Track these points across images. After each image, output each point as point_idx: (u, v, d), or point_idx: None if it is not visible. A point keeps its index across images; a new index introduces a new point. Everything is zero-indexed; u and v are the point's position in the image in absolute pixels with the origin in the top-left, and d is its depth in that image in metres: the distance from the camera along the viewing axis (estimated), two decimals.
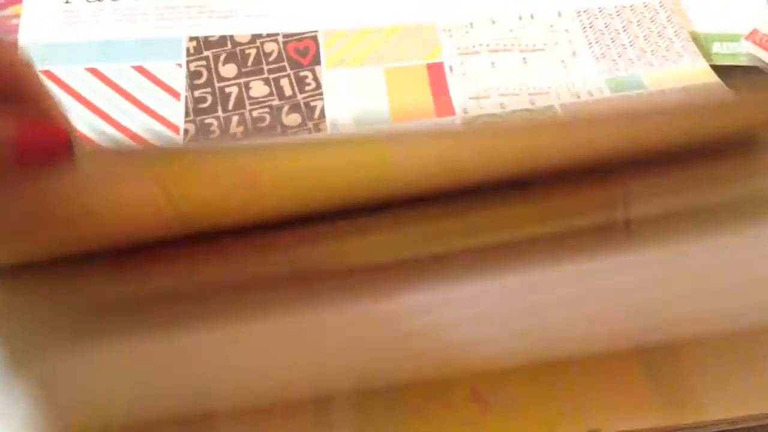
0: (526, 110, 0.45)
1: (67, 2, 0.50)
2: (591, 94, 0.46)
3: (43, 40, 0.48)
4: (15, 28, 0.48)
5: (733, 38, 0.51)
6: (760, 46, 0.49)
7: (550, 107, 0.45)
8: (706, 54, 0.50)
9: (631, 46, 0.49)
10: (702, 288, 0.31)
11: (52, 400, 0.32)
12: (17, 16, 0.49)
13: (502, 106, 0.46)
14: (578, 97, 0.46)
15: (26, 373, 0.31)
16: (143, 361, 0.31)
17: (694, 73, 0.46)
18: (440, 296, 0.30)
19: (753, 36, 0.49)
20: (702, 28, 0.52)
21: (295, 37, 0.50)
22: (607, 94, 0.46)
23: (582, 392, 0.32)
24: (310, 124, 0.45)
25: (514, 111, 0.45)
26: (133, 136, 0.44)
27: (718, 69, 0.49)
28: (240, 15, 0.51)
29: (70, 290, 0.31)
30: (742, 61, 0.50)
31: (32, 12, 0.49)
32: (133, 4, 0.50)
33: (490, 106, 0.46)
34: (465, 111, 0.46)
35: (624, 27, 0.50)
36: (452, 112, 0.46)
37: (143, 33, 0.49)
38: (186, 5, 0.51)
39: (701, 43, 0.51)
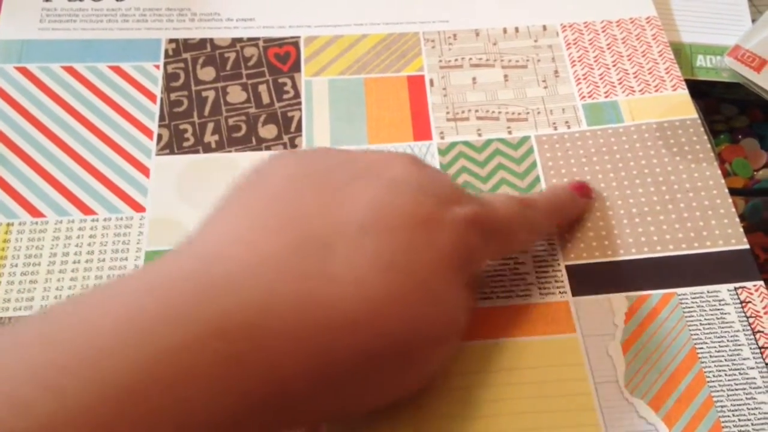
0: (502, 140, 0.45)
1: (47, 0, 0.49)
2: (568, 125, 0.45)
3: (21, 36, 0.48)
4: None
5: (718, 51, 0.51)
6: (742, 62, 0.48)
7: (526, 138, 0.45)
8: (690, 67, 0.50)
9: (614, 66, 0.48)
10: None
11: None
12: None
13: (479, 132, 0.45)
14: (555, 127, 0.45)
15: None
16: None
17: (673, 104, 0.46)
18: None
19: (735, 52, 0.49)
20: (687, 39, 0.52)
21: (276, 42, 0.49)
22: (585, 123, 0.45)
23: None
24: (285, 138, 0.45)
25: (490, 140, 0.45)
26: (107, 140, 0.44)
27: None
28: (222, 18, 0.50)
29: None
30: (725, 77, 0.50)
31: (12, 9, 0.49)
32: (115, 5, 0.50)
33: (467, 131, 0.45)
34: (441, 135, 0.45)
35: (609, 44, 0.49)
36: (429, 135, 0.45)
37: (122, 34, 0.49)
38: (167, 7, 0.50)
39: (686, 54, 0.51)
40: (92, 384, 0.21)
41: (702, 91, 0.51)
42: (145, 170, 0.43)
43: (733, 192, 0.43)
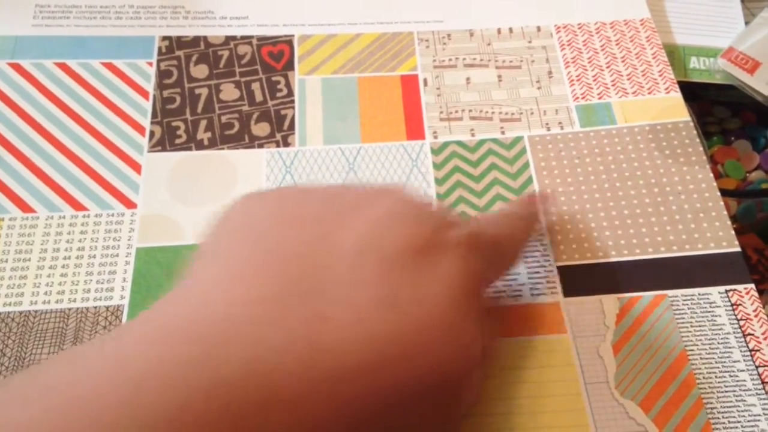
0: (495, 140, 0.45)
1: None
2: (561, 126, 0.45)
3: (14, 32, 0.47)
4: None
5: (711, 53, 0.51)
6: (736, 64, 0.49)
7: (519, 139, 0.45)
8: (683, 69, 0.50)
9: (607, 68, 0.48)
10: None
11: None
12: None
13: (472, 132, 0.45)
14: (548, 128, 0.45)
15: None
16: None
17: (666, 107, 0.46)
18: None
19: (729, 54, 0.49)
20: (681, 41, 0.52)
21: (269, 41, 0.49)
22: (578, 125, 0.45)
23: None
24: (278, 136, 0.45)
25: (483, 140, 0.45)
26: (99, 136, 0.44)
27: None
28: (216, 17, 0.50)
29: None
30: (718, 79, 0.50)
31: (5, 5, 0.48)
32: (108, 2, 0.50)
33: (460, 131, 0.45)
34: (435, 135, 0.45)
35: (602, 46, 0.49)
36: (422, 134, 0.45)
37: (115, 31, 0.49)
38: (161, 5, 0.50)
39: (679, 56, 0.51)
40: None
41: (695, 94, 0.51)
42: (136, 167, 0.43)
43: (726, 193, 0.43)
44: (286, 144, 0.45)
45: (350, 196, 0.30)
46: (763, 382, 0.36)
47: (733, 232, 0.41)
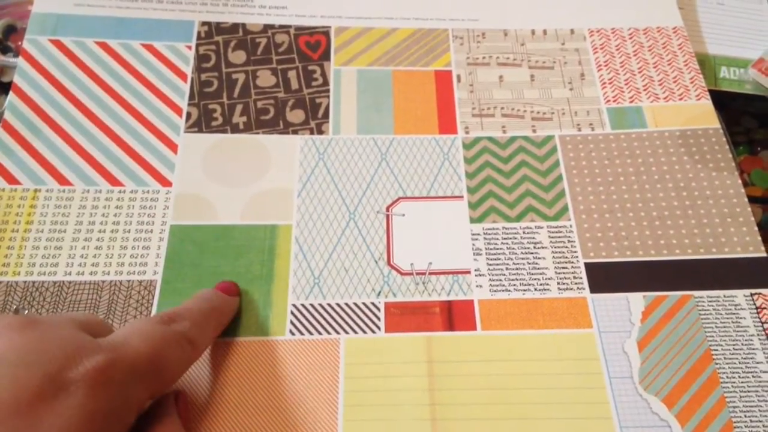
0: (526, 138, 0.46)
1: None
2: (592, 127, 0.46)
3: (56, 10, 0.48)
4: (28, 14, 0.48)
5: (741, 64, 0.52)
6: (766, 74, 0.49)
7: (550, 138, 0.46)
8: (713, 78, 0.51)
9: (639, 72, 0.49)
10: None
11: None
12: (31, 2, 0.49)
13: (503, 129, 0.46)
14: (579, 128, 0.46)
15: None
16: None
17: (697, 114, 0.46)
18: None
19: (760, 64, 0.50)
20: (712, 51, 0.52)
21: (307, 31, 0.50)
22: (609, 126, 0.46)
23: None
24: (312, 123, 0.45)
25: (514, 137, 0.45)
26: (137, 114, 0.45)
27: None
28: (255, 5, 0.51)
29: None
30: (748, 89, 0.51)
31: None
32: None
33: (492, 127, 0.46)
34: (467, 130, 0.46)
35: (635, 51, 0.50)
36: (454, 129, 0.46)
37: (156, 14, 0.49)
38: None
39: (710, 65, 0.51)
40: None
41: (723, 104, 0.51)
42: (173, 146, 0.44)
43: (752, 200, 0.44)
44: (320, 131, 0.45)
45: None
46: None
47: (759, 238, 0.41)
